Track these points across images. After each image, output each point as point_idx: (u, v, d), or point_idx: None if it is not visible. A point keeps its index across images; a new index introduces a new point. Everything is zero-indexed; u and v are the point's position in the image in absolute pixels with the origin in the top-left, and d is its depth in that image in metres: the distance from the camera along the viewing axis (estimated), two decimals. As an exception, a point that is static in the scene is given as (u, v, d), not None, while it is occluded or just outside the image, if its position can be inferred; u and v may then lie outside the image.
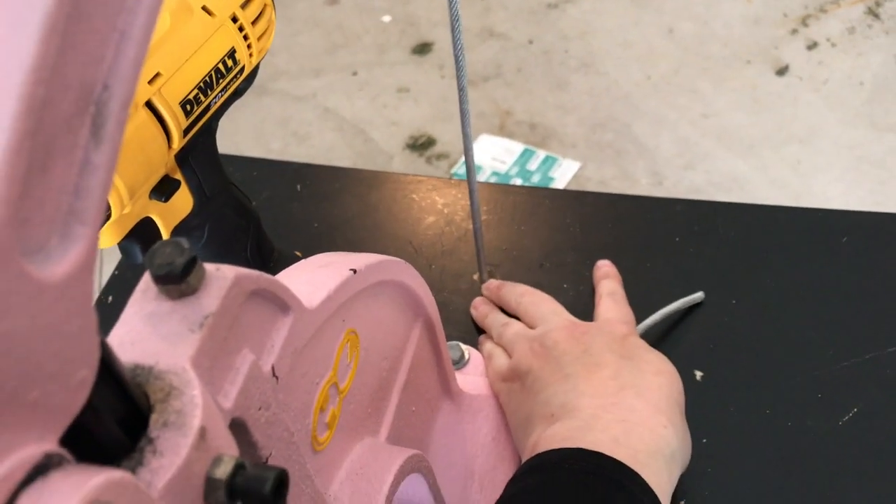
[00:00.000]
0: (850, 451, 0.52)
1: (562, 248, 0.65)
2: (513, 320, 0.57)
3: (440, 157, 1.87)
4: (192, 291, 0.24)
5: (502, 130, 1.90)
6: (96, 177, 0.18)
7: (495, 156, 1.86)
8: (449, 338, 0.59)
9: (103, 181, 0.18)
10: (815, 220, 0.64)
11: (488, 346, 0.56)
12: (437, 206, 0.69)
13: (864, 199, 1.65)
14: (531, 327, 0.55)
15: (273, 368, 0.27)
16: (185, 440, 0.21)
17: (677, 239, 0.63)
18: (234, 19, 0.46)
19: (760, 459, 0.52)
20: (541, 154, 1.84)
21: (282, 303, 0.28)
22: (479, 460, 0.51)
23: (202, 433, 0.21)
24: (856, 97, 1.84)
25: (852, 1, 2.05)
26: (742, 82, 1.90)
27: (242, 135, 1.96)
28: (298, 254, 0.62)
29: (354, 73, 2.08)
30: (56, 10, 0.16)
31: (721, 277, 0.61)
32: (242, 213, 0.53)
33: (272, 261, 0.58)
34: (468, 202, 0.69)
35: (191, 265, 0.23)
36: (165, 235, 0.48)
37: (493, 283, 0.61)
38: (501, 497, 0.40)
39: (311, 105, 2.03)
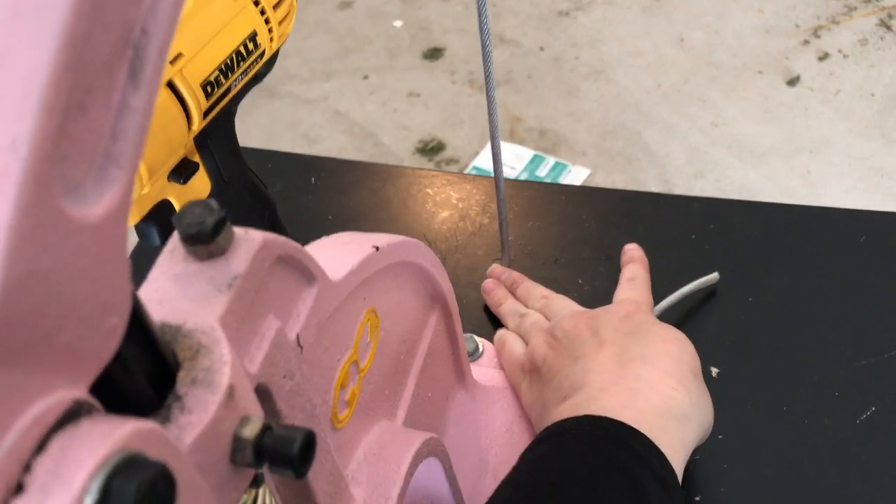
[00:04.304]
0: (867, 450, 0.51)
1: (576, 243, 0.64)
2: (530, 311, 0.56)
3: (450, 161, 1.87)
4: (220, 253, 0.23)
5: (513, 136, 1.90)
6: (133, 120, 0.18)
7: (505, 161, 1.85)
8: (463, 330, 0.59)
9: (140, 125, 0.18)
10: (834, 220, 0.63)
11: (501, 331, 0.56)
12: (452, 200, 0.69)
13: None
14: (547, 319, 0.54)
15: (298, 337, 0.27)
16: (213, 398, 0.21)
17: (693, 236, 0.63)
18: (256, 2, 0.46)
19: (777, 457, 0.51)
20: (550, 160, 1.84)
21: (307, 272, 0.28)
22: (493, 451, 0.51)
23: (231, 391, 0.21)
24: (867, 108, 1.83)
25: (864, 13, 2.04)
26: (753, 92, 1.90)
27: (253, 137, 1.96)
28: (312, 245, 0.62)
29: (365, 77, 2.09)
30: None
31: (738, 275, 0.60)
32: (259, 199, 0.53)
33: (287, 250, 0.57)
34: (483, 197, 0.69)
35: (220, 226, 0.23)
36: (182, 219, 0.48)
37: (501, 273, 0.61)
38: (512, 469, 0.40)
39: (322, 108, 2.03)
